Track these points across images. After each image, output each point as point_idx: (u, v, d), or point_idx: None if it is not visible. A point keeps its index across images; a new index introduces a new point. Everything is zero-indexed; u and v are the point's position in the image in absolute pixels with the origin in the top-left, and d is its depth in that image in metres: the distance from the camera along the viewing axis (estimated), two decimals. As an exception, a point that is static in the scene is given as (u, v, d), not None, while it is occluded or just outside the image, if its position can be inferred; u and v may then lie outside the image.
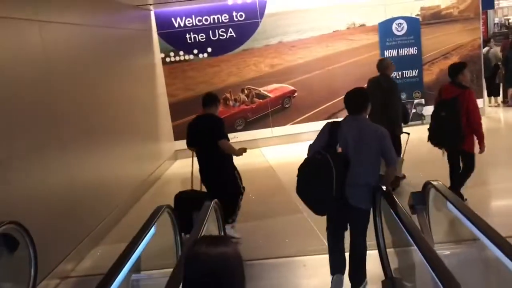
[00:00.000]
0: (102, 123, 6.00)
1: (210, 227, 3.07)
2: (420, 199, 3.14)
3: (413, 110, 10.02)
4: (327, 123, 3.62)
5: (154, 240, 3.32)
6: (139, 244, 2.57)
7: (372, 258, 3.61)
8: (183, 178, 8.53)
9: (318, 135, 3.58)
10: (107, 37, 6.68)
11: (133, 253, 2.43)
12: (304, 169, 3.38)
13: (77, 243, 4.84)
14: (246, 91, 9.66)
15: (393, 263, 3.39)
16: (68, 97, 5.10)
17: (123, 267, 2.20)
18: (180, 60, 9.48)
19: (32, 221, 3.70)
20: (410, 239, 2.36)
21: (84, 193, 5.15)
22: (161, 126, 8.94)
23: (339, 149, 3.41)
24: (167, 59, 9.44)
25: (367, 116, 3.54)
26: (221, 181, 4.88)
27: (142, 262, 3.21)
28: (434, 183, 3.09)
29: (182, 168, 9.08)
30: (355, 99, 3.57)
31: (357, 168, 3.36)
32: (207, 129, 4.74)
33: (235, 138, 8.67)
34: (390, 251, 3.44)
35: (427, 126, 9.80)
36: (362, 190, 3.38)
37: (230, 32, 9.44)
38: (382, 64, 6.28)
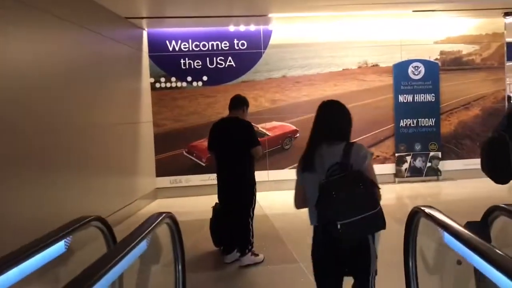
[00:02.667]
0: (59, 149, 5.02)
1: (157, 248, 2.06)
2: (480, 232, 2.11)
3: (428, 164, 9.09)
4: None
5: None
6: None
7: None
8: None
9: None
10: (85, 50, 5.89)
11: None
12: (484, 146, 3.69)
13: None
14: (242, 128, 8.76)
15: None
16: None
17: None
18: (171, 87, 8.70)
19: None
20: None
21: (13, 228, 4.06)
22: (141, 159, 7.96)
23: None
24: (157, 85, 8.66)
25: None
26: (240, 192, 4.60)
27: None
28: (503, 206, 2.09)
29: (161, 208, 8.00)
30: None
31: None
32: (236, 134, 4.59)
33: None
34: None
35: (443, 182, 8.79)
36: None
37: (230, 61, 8.73)
38: None
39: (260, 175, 8.52)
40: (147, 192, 8.13)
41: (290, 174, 8.84)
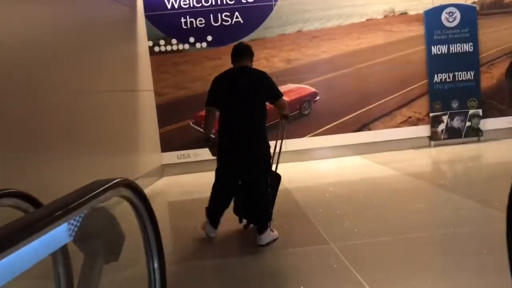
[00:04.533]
0: (41, 120, 4.36)
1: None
2: None
3: (468, 124, 8.18)
4: None
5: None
6: None
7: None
8: (169, 201, 6.77)
9: None
10: (70, 13, 5.13)
11: None
12: None
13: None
14: (254, 92, 7.95)
15: None
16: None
17: None
18: (172, 50, 7.91)
19: None
20: None
21: None
22: (142, 132, 7.24)
23: None
24: (156, 48, 7.88)
25: None
26: (257, 155, 3.91)
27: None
28: None
29: (168, 187, 7.32)
30: None
31: None
32: (251, 84, 3.90)
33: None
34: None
35: (485, 144, 7.97)
36: None
37: (237, 17, 7.89)
38: None
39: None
40: (151, 169, 7.43)
41: (310, 142, 8.09)
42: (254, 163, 3.89)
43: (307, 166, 7.73)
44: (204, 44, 7.89)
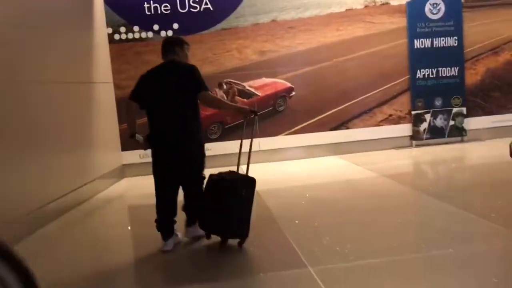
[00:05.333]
0: None
1: None
2: None
3: (451, 122, 7.74)
4: None
5: None
6: None
7: None
8: (129, 206, 6.10)
9: None
10: None
11: None
12: None
13: None
14: (225, 86, 7.37)
15: None
16: None
17: None
18: (134, 38, 7.23)
19: None
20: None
21: None
22: (99, 128, 6.54)
23: None
24: (116, 36, 7.18)
25: None
26: (191, 154, 3.78)
27: None
28: None
29: (128, 190, 6.63)
30: None
31: None
32: (177, 79, 3.72)
33: (208, 150, 6.27)
34: None
35: (469, 144, 7.57)
36: None
37: (206, 4, 7.27)
38: None
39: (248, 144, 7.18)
40: (110, 169, 6.74)
41: (284, 141, 7.48)
42: (188, 161, 3.75)
43: (281, 167, 7.15)
44: (170, 32, 7.20)
